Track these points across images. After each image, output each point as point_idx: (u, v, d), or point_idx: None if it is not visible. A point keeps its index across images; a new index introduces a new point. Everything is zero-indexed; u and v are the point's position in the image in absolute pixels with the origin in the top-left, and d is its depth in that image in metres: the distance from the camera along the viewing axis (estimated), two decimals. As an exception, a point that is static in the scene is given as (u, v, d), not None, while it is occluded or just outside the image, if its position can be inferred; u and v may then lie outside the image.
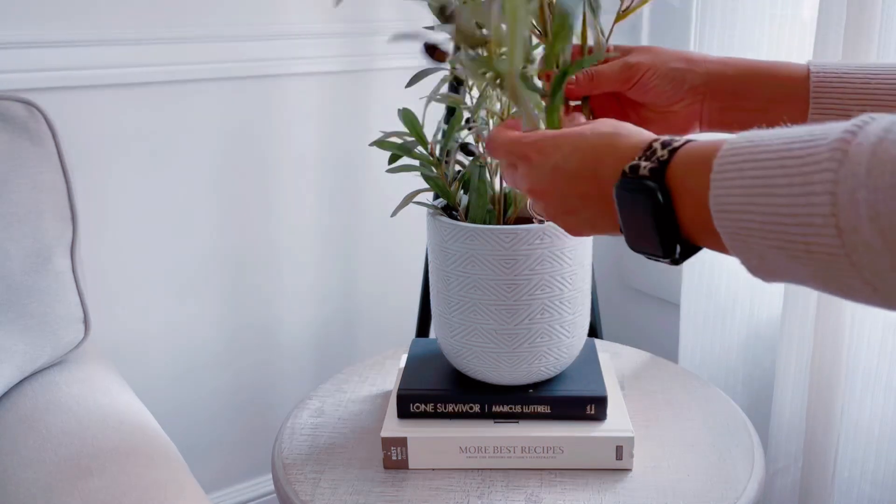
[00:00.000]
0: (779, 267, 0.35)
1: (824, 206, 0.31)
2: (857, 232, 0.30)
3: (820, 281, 0.33)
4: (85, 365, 0.89)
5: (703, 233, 0.40)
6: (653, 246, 0.43)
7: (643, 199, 0.41)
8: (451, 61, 0.60)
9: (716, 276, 1.19)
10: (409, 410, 0.80)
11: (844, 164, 0.30)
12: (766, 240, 0.34)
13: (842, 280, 0.32)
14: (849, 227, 0.30)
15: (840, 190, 0.30)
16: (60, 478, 0.68)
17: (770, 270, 0.36)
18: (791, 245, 0.33)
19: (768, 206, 0.33)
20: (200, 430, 1.32)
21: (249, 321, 1.32)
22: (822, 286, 0.34)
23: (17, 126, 0.82)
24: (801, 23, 1.11)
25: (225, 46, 1.16)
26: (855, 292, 0.32)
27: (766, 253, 0.35)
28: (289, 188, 1.29)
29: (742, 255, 0.37)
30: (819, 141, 0.32)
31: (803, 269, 0.33)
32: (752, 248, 0.36)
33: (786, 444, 1.10)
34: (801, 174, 0.32)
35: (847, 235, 0.30)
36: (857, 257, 0.30)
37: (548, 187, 0.50)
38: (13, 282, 0.81)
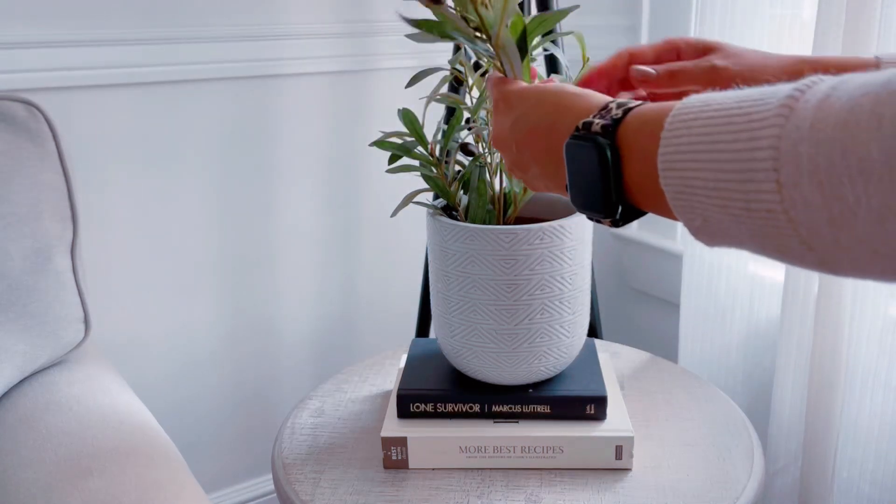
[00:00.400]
0: (720, 228, 0.34)
1: (767, 161, 0.30)
2: (797, 186, 0.30)
3: (758, 241, 0.33)
4: (85, 365, 0.89)
5: (648, 194, 0.40)
6: (596, 204, 0.42)
7: (591, 154, 0.41)
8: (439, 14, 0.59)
9: (715, 276, 1.19)
10: (409, 410, 0.81)
11: (790, 119, 0.30)
12: (710, 198, 0.34)
13: (779, 239, 0.32)
14: (789, 181, 0.30)
15: (783, 144, 0.30)
16: (60, 477, 0.68)
17: (712, 232, 0.36)
18: (732, 203, 0.33)
19: (713, 161, 0.33)
20: (200, 429, 1.32)
21: (249, 321, 1.32)
22: (759, 247, 0.34)
23: (17, 126, 0.82)
24: (801, 23, 1.11)
25: (225, 46, 1.17)
26: (791, 252, 0.32)
27: (709, 212, 0.34)
28: (289, 188, 1.29)
29: (685, 216, 0.36)
30: (768, 99, 0.32)
31: (743, 229, 0.33)
32: (696, 207, 0.35)
33: (785, 444, 1.10)
34: (747, 129, 0.32)
35: (787, 190, 0.30)
36: (795, 213, 0.30)
37: (507, 138, 0.50)
38: (13, 281, 0.81)
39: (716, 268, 1.19)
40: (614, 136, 0.40)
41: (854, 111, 0.27)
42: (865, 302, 0.97)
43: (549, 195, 0.87)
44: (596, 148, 0.41)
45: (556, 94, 0.47)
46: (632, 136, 0.40)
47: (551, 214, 0.86)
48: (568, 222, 0.75)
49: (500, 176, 0.82)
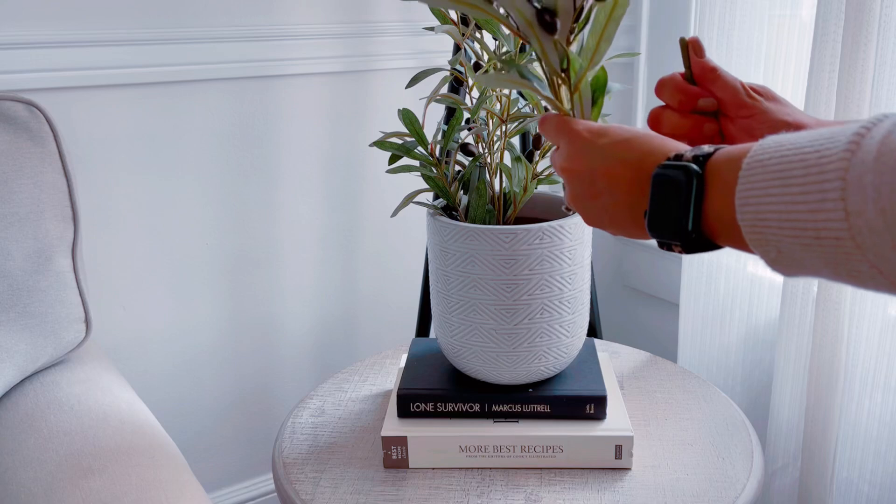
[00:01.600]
0: (794, 258, 0.37)
1: (835, 192, 0.33)
2: (862, 214, 0.32)
3: (832, 269, 0.35)
4: (86, 364, 0.90)
5: (726, 227, 0.42)
6: (673, 230, 0.45)
7: (681, 179, 0.43)
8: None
9: (715, 276, 1.19)
10: (409, 410, 0.81)
11: (857, 153, 0.32)
12: (782, 230, 0.36)
13: (850, 265, 0.34)
14: (855, 210, 0.32)
15: (850, 176, 0.32)
16: (61, 477, 0.68)
17: (787, 263, 0.38)
18: (803, 233, 0.35)
19: (784, 195, 0.36)
20: (201, 429, 1.32)
21: (250, 321, 1.32)
22: (834, 275, 0.36)
23: (18, 126, 0.82)
24: (801, 23, 1.11)
25: (225, 46, 1.17)
26: (864, 277, 0.34)
27: (782, 244, 0.37)
28: (289, 188, 1.29)
29: (760, 248, 0.39)
30: (838, 136, 0.34)
31: (815, 258, 0.35)
32: (769, 239, 0.37)
33: (784, 444, 1.10)
34: (817, 165, 0.34)
35: (853, 218, 0.32)
36: (861, 239, 0.32)
37: (583, 165, 0.52)
38: (14, 282, 0.81)
39: (715, 268, 1.19)
40: (704, 166, 0.43)
41: None
42: (864, 302, 0.97)
43: (549, 195, 0.87)
44: (686, 174, 0.43)
45: (646, 135, 0.50)
46: (717, 171, 0.42)
47: (551, 214, 0.86)
48: (568, 222, 0.76)
49: (499, 176, 0.82)
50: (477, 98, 0.79)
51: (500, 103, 0.81)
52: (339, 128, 1.32)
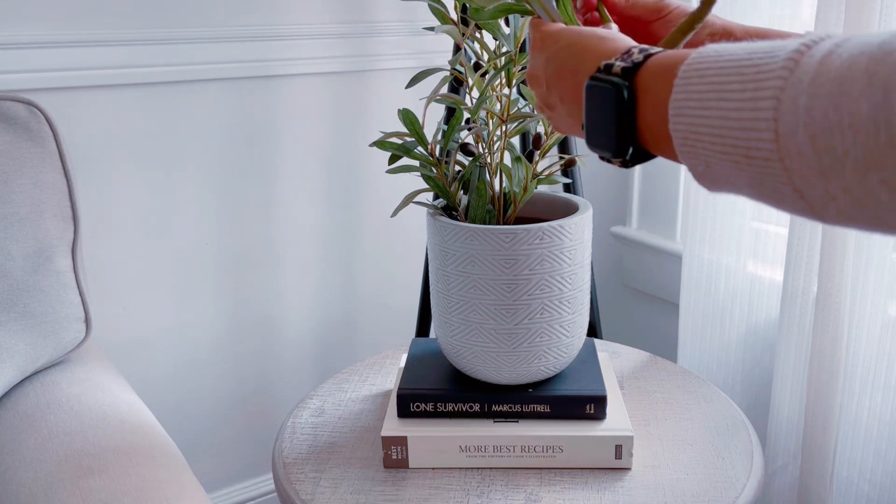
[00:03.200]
0: (722, 174, 0.36)
1: (768, 111, 0.32)
2: (793, 137, 0.31)
3: (755, 188, 0.35)
4: (86, 364, 0.90)
5: (658, 138, 0.41)
6: (608, 143, 0.44)
7: (608, 94, 0.42)
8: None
9: (715, 276, 1.19)
10: (410, 410, 0.81)
11: (794, 72, 0.31)
12: (714, 145, 0.35)
13: (774, 186, 0.33)
14: (786, 131, 0.31)
15: (785, 96, 0.31)
16: (61, 477, 0.68)
17: (713, 178, 0.37)
18: (734, 150, 0.34)
19: (719, 110, 0.35)
20: (201, 429, 1.32)
21: (250, 320, 1.32)
22: (756, 194, 0.35)
23: (18, 126, 0.82)
24: (801, 23, 1.11)
25: (225, 46, 1.17)
26: (784, 199, 0.34)
27: (712, 159, 0.36)
28: (289, 188, 1.29)
29: (690, 161, 0.38)
30: (777, 52, 0.33)
31: (742, 176, 0.35)
32: (700, 153, 0.37)
33: (784, 443, 1.10)
34: (754, 80, 0.33)
35: (783, 140, 0.32)
36: (789, 162, 0.32)
37: (539, 76, 0.52)
38: (14, 281, 0.81)
39: (715, 268, 1.19)
40: (633, 79, 0.42)
41: (851, 68, 0.29)
42: (865, 302, 0.97)
43: (549, 195, 0.87)
44: (613, 89, 0.42)
45: (585, 37, 0.49)
46: (649, 81, 0.41)
47: (551, 214, 0.86)
48: (568, 222, 0.76)
49: (500, 176, 0.82)
50: (477, 98, 0.79)
51: (500, 103, 0.81)
52: (339, 128, 1.32)
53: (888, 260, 0.95)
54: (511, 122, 0.80)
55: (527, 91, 0.80)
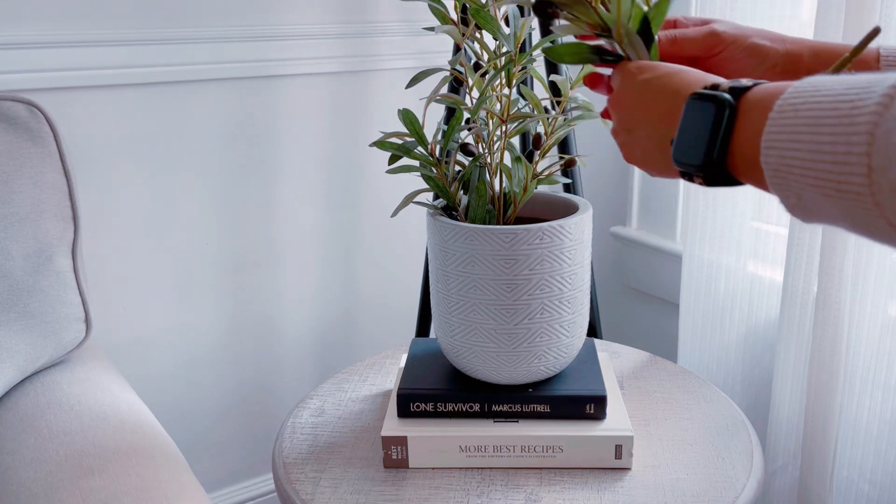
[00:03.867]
0: (814, 206, 0.36)
1: (861, 146, 0.32)
2: (885, 172, 0.31)
3: (849, 221, 0.35)
4: (86, 364, 0.90)
5: (749, 165, 0.42)
6: (697, 158, 0.44)
7: (712, 107, 0.43)
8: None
9: (715, 276, 1.19)
10: (410, 410, 0.81)
11: (889, 108, 0.31)
12: (805, 177, 0.35)
13: (868, 220, 0.33)
14: (879, 166, 0.31)
15: (878, 131, 0.31)
16: (62, 476, 0.68)
17: (806, 209, 0.37)
18: (825, 183, 0.34)
19: (812, 143, 0.35)
20: (201, 429, 1.32)
21: (250, 321, 1.32)
22: (851, 226, 0.35)
23: (18, 126, 0.82)
24: (801, 23, 1.11)
25: (225, 46, 1.17)
26: (880, 233, 0.34)
27: (803, 191, 0.36)
28: (289, 188, 1.29)
29: (781, 193, 0.38)
30: (874, 87, 0.33)
31: (834, 209, 0.35)
32: (791, 185, 0.37)
33: (784, 443, 1.10)
34: (848, 116, 0.33)
35: (875, 175, 0.31)
36: (881, 197, 0.32)
37: (626, 96, 0.54)
38: (14, 281, 0.81)
39: (715, 268, 1.19)
40: (739, 98, 0.43)
41: None
42: (865, 302, 0.97)
43: (550, 195, 0.87)
44: (718, 103, 0.43)
45: (688, 71, 0.51)
46: (749, 107, 0.42)
47: (551, 214, 0.87)
48: (568, 222, 0.76)
49: (500, 176, 0.82)
50: (477, 98, 0.79)
51: (500, 103, 0.81)
52: (339, 128, 1.32)
53: (888, 260, 0.95)
54: (511, 122, 0.80)
55: (527, 91, 0.80)
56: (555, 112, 0.80)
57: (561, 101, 0.80)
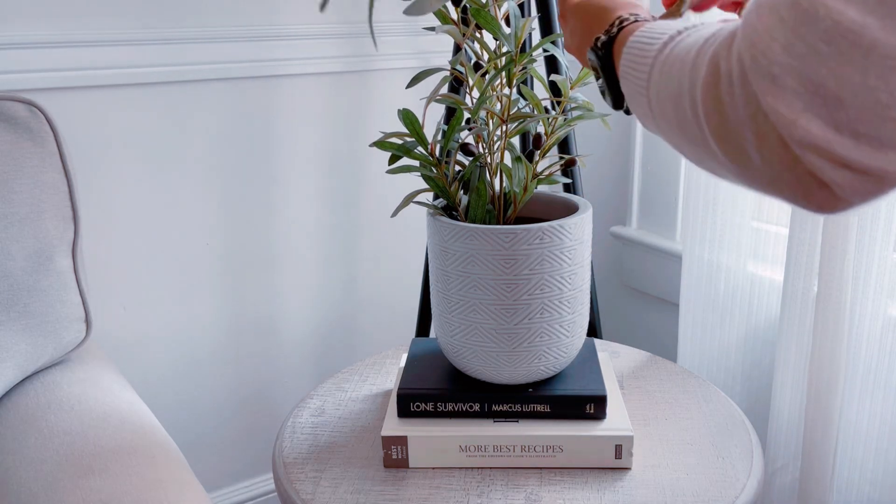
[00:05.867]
0: (633, 107, 0.51)
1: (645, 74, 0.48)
2: (651, 91, 0.47)
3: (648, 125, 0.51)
4: (86, 364, 0.90)
5: None
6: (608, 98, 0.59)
7: (596, 64, 0.58)
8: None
9: (714, 276, 1.19)
10: (410, 409, 0.81)
11: (663, 51, 0.46)
12: (633, 82, 0.50)
13: (649, 124, 0.50)
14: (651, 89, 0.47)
15: (653, 69, 0.47)
16: (62, 476, 0.68)
17: (633, 110, 0.52)
18: (636, 89, 0.49)
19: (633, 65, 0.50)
20: (202, 428, 1.32)
21: (250, 321, 1.32)
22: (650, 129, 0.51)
23: (18, 126, 0.82)
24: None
25: (225, 47, 1.17)
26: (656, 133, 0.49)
27: (630, 92, 0.51)
28: (289, 188, 1.29)
29: (625, 93, 0.53)
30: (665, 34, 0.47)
31: (640, 111, 0.50)
32: (628, 90, 0.51)
33: (784, 443, 1.10)
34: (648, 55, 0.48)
35: (650, 92, 0.47)
36: (654, 109, 0.47)
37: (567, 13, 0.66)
38: (15, 281, 0.81)
39: (715, 268, 1.19)
40: (610, 49, 0.56)
41: (673, 65, 0.44)
42: (865, 302, 0.97)
43: (549, 195, 0.87)
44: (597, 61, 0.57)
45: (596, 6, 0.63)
46: (617, 49, 0.55)
47: (551, 214, 0.87)
48: (568, 222, 0.76)
49: (500, 176, 0.82)
50: (477, 98, 0.79)
51: (500, 103, 0.81)
52: (339, 128, 1.32)
53: (888, 260, 0.95)
54: (511, 122, 0.80)
55: (527, 91, 0.80)
56: (555, 112, 0.80)
57: (561, 101, 0.80)
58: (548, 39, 0.77)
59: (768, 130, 0.35)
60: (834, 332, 0.98)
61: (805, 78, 0.33)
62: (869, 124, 0.33)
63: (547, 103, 0.83)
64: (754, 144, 0.37)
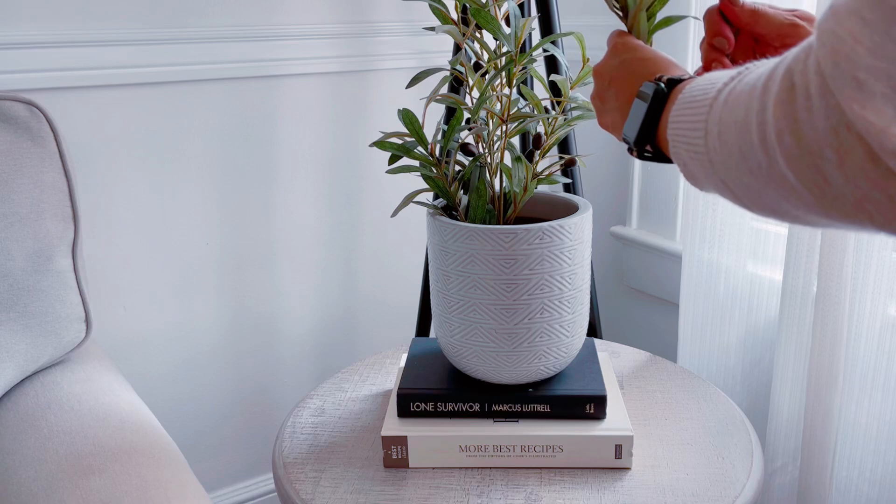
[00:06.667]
0: (691, 169, 0.48)
1: (702, 119, 0.45)
2: (710, 135, 0.43)
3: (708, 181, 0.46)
4: (86, 364, 0.90)
5: (666, 144, 0.52)
6: (632, 134, 0.55)
7: (650, 95, 0.53)
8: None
9: (714, 276, 1.19)
10: (410, 409, 0.81)
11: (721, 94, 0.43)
12: (684, 145, 0.47)
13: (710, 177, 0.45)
14: (709, 136, 0.43)
15: (713, 109, 0.44)
16: (62, 476, 0.68)
17: (690, 173, 0.48)
18: (691, 148, 0.46)
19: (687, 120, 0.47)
20: (201, 428, 1.32)
21: (250, 320, 1.32)
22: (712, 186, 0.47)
23: (18, 126, 0.82)
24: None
25: (225, 46, 1.17)
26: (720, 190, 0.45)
27: (683, 156, 0.48)
28: (289, 188, 1.29)
29: (676, 160, 0.49)
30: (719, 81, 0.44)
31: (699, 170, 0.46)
32: (680, 154, 0.48)
33: (784, 443, 1.10)
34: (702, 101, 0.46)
35: (708, 137, 0.44)
36: (712, 155, 0.44)
37: (606, 69, 0.63)
38: (15, 281, 0.81)
39: (715, 268, 1.19)
40: (671, 89, 0.53)
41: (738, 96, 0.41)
42: (864, 302, 0.97)
43: (549, 195, 0.87)
44: (654, 93, 0.53)
45: (661, 59, 0.60)
46: (674, 97, 0.51)
47: (551, 214, 0.87)
48: (568, 222, 0.76)
49: (500, 176, 0.82)
50: (477, 98, 0.79)
51: (500, 103, 0.81)
52: (339, 128, 1.32)
53: (888, 260, 0.95)
54: (511, 122, 0.80)
55: (527, 91, 0.80)
56: (555, 112, 0.80)
57: (561, 101, 0.80)
58: (548, 39, 0.77)
59: (853, 144, 0.32)
60: (833, 332, 0.99)
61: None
62: None
63: (547, 103, 0.83)
64: (835, 162, 0.33)
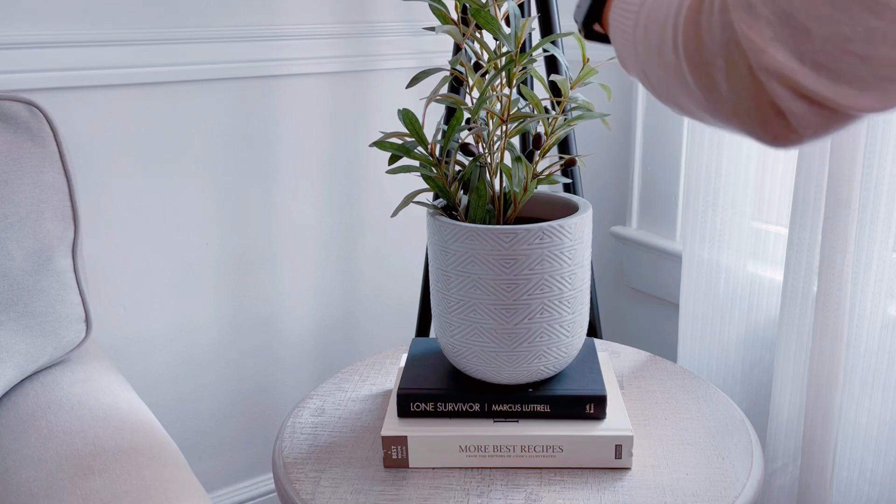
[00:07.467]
0: (621, 53, 0.51)
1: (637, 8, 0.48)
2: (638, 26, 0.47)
3: (633, 68, 0.50)
4: (86, 364, 0.90)
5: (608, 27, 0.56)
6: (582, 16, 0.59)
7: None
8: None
9: (714, 276, 1.19)
10: (410, 409, 0.81)
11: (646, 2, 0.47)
12: (619, 30, 0.51)
13: (635, 65, 0.49)
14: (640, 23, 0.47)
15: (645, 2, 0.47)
16: (62, 476, 0.68)
17: (620, 57, 0.52)
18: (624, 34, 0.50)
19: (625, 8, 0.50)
20: (201, 429, 1.32)
21: (250, 321, 1.32)
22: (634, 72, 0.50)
23: (18, 126, 0.82)
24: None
25: (225, 46, 1.17)
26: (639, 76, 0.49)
27: (618, 40, 0.51)
28: (289, 188, 1.29)
29: (613, 42, 0.53)
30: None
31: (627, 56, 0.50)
32: (616, 37, 0.52)
33: (784, 443, 1.10)
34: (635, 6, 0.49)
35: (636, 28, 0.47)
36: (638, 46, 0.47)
37: None
38: (15, 281, 0.81)
39: (715, 268, 1.19)
40: None
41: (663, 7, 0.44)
42: (865, 302, 0.97)
43: (549, 195, 0.87)
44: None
45: None
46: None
47: (551, 214, 0.87)
48: (568, 222, 0.76)
49: (500, 176, 0.82)
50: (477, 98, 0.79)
51: (500, 103, 0.81)
52: (339, 128, 1.32)
53: (888, 260, 0.95)
54: (511, 122, 0.80)
55: (527, 91, 0.80)
56: (555, 112, 0.80)
57: (561, 101, 0.80)
58: (548, 39, 0.77)
59: (739, 58, 0.37)
60: (833, 332, 0.99)
61: (778, 8, 0.35)
62: (830, 56, 0.34)
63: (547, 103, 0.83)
64: (724, 72, 0.38)
